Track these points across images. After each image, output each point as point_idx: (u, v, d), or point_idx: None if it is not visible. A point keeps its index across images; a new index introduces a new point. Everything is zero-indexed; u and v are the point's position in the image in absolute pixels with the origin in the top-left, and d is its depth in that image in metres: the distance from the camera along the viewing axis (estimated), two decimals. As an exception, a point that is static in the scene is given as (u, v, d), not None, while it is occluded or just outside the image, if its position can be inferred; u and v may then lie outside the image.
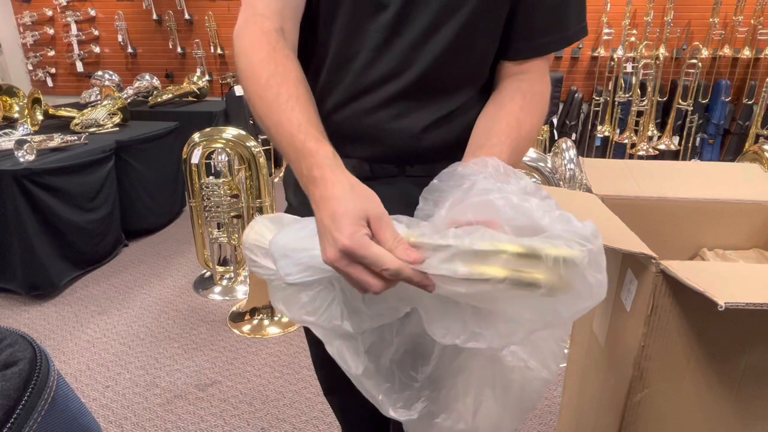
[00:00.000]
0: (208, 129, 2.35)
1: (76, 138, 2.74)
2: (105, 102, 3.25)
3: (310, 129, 0.60)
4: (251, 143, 2.26)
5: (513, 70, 0.75)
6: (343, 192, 0.54)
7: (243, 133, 2.27)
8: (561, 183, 1.97)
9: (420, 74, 0.72)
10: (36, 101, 3.07)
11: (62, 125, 3.09)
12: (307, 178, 0.58)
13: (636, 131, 3.84)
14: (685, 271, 0.68)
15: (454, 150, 0.81)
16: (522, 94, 0.74)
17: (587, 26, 0.77)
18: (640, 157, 3.73)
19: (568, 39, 0.75)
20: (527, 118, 0.72)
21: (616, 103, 3.90)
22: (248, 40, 0.68)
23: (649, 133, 3.82)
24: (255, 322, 2.27)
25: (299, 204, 0.91)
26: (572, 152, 2.02)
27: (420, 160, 0.79)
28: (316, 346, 1.06)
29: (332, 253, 0.51)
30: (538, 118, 0.74)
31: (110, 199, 2.82)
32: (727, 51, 3.88)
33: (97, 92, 3.90)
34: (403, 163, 0.79)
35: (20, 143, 2.45)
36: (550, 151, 2.15)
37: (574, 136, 4.08)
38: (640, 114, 3.79)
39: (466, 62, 0.74)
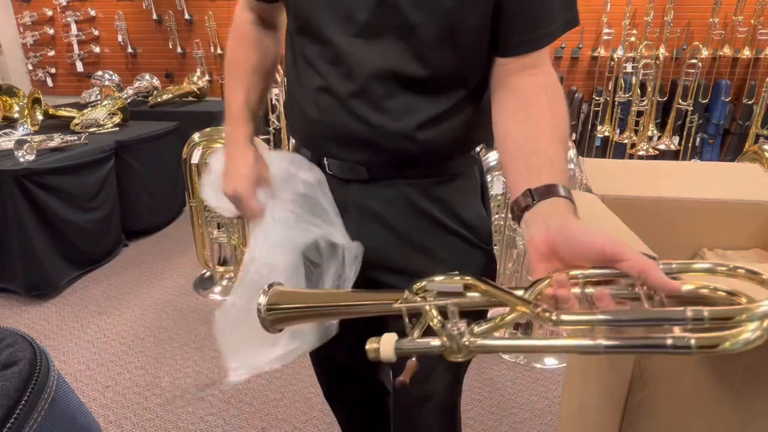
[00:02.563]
0: (208, 129, 2.35)
1: (76, 138, 2.74)
2: (105, 102, 3.24)
3: (241, 108, 0.87)
4: (251, 143, 2.26)
5: (520, 65, 0.72)
6: (249, 160, 0.83)
7: (243, 133, 2.27)
8: (561, 183, 1.97)
9: (406, 76, 0.72)
10: (36, 101, 3.07)
11: (62, 125, 3.09)
12: (231, 137, 0.86)
13: (636, 131, 3.84)
14: (685, 271, 0.68)
15: (449, 150, 0.80)
16: (544, 89, 0.71)
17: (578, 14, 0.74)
18: (640, 157, 3.72)
19: (567, 24, 0.72)
20: (559, 113, 0.70)
21: (616, 103, 3.90)
22: (236, 23, 0.91)
23: (649, 133, 3.82)
24: (255, 322, 2.27)
25: None
26: (572, 152, 2.02)
27: (416, 162, 0.78)
28: (317, 356, 1.07)
29: (230, 190, 0.82)
30: (565, 112, 0.72)
31: (110, 199, 2.82)
32: (727, 51, 3.88)
33: (97, 92, 3.90)
34: (400, 166, 0.79)
35: (20, 143, 2.44)
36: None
37: (574, 136, 4.08)
38: (640, 114, 3.79)
39: (452, 61, 0.73)
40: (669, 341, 0.39)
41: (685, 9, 3.88)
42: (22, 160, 2.42)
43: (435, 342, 0.47)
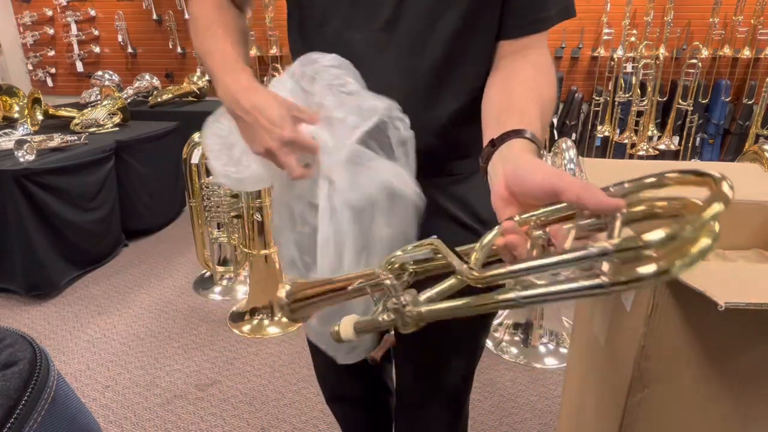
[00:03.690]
0: (208, 129, 2.34)
1: (76, 138, 2.74)
2: (105, 102, 3.25)
3: (237, 59, 0.74)
4: (251, 143, 2.26)
5: (514, 47, 0.72)
6: (276, 97, 0.67)
7: (243, 133, 2.27)
8: (561, 183, 1.97)
9: (429, 67, 0.71)
10: (36, 101, 3.07)
11: (62, 125, 3.09)
12: (239, 85, 0.70)
13: (636, 131, 3.84)
14: (685, 271, 0.67)
15: (467, 146, 0.79)
16: (532, 64, 0.71)
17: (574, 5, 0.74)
18: (640, 157, 3.72)
19: (562, 12, 0.72)
20: (544, 84, 0.69)
21: (616, 103, 3.90)
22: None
23: (649, 133, 3.82)
24: (255, 322, 2.27)
25: None
26: (572, 152, 2.02)
27: (435, 161, 0.77)
28: (318, 355, 1.06)
29: (274, 144, 0.65)
30: (553, 87, 0.70)
31: (110, 199, 2.82)
32: (727, 51, 3.88)
33: (97, 92, 3.90)
34: (420, 165, 0.78)
35: (20, 143, 2.45)
36: (550, 151, 2.15)
37: (574, 136, 4.08)
38: (640, 114, 3.79)
39: (472, 51, 0.73)
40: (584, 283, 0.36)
41: (685, 9, 3.88)
42: (22, 160, 2.42)
43: (384, 317, 0.47)
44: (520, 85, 0.67)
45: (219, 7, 0.81)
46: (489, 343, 2.12)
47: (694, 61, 3.68)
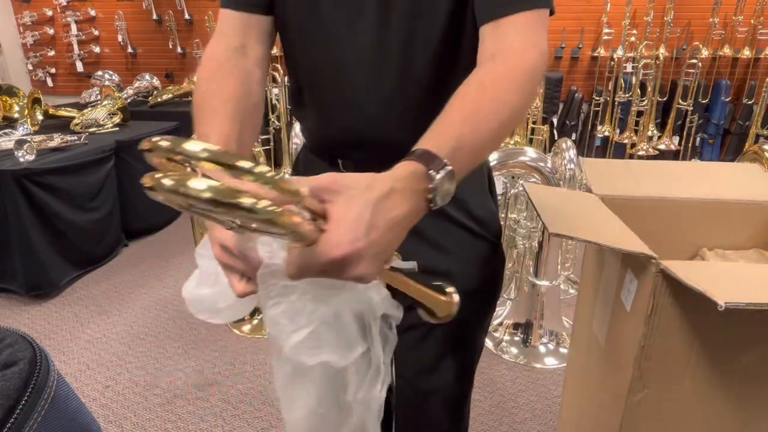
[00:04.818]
0: (208, 129, 2.35)
1: (76, 138, 2.74)
2: (105, 102, 3.24)
3: (223, 139, 0.65)
4: (251, 143, 2.27)
5: (487, 49, 0.66)
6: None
7: (243, 133, 2.28)
8: (561, 183, 1.97)
9: (417, 72, 0.71)
10: (36, 101, 3.07)
11: (62, 125, 3.09)
12: None
13: (636, 131, 3.84)
14: (685, 271, 0.68)
15: None
16: (491, 54, 0.64)
17: None
18: (640, 157, 3.72)
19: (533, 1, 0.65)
20: (494, 76, 0.61)
21: (616, 103, 3.90)
22: (205, 57, 0.75)
23: (649, 133, 3.82)
24: (255, 322, 2.27)
25: None
26: (572, 152, 2.02)
27: None
28: None
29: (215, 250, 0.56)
30: (508, 80, 0.61)
31: (110, 199, 2.82)
32: (727, 51, 3.88)
33: (97, 92, 3.90)
34: None
35: (20, 143, 2.44)
36: (550, 151, 2.15)
37: (574, 136, 4.08)
38: (640, 114, 3.79)
39: (460, 56, 0.72)
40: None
41: (685, 9, 3.88)
42: (22, 160, 2.41)
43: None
44: (461, 87, 0.61)
45: (218, 68, 0.72)
46: (489, 343, 2.12)
47: (694, 61, 3.68)
